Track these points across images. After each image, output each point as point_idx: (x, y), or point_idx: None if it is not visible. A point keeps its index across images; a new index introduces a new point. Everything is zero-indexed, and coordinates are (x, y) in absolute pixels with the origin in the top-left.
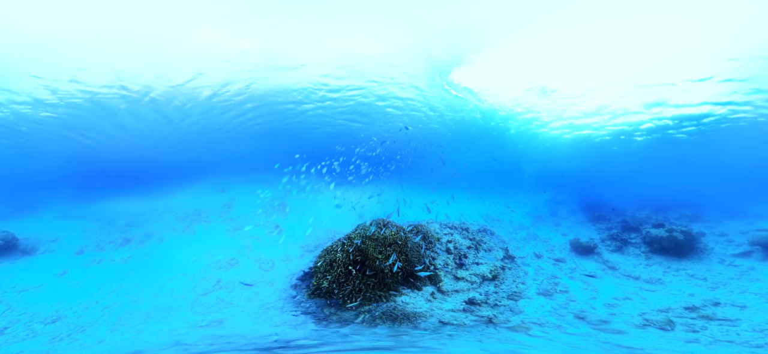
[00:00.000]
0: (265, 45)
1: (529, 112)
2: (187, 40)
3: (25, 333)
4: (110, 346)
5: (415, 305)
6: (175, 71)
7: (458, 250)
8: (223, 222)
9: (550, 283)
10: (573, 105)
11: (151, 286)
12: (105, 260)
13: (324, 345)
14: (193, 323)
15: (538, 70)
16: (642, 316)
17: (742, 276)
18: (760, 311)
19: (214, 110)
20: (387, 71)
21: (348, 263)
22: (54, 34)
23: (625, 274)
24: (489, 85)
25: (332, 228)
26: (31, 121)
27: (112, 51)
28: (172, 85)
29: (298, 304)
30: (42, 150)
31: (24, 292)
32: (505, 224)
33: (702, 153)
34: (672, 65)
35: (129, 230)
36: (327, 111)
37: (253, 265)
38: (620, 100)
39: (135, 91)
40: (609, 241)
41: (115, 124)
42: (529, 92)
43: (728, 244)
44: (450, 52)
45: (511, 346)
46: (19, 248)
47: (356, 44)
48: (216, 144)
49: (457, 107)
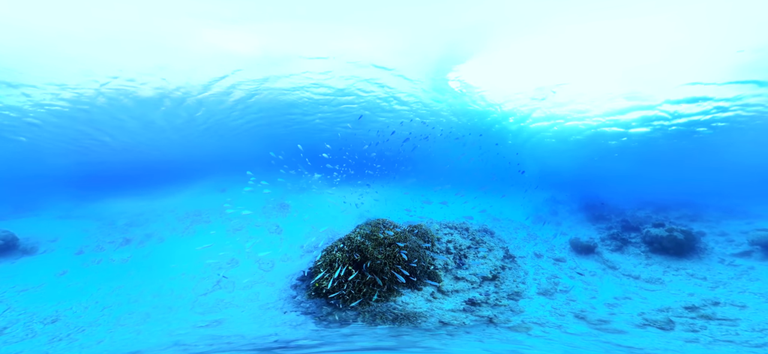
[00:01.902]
0: (266, 46)
1: (528, 111)
2: (188, 40)
3: (24, 333)
4: (110, 347)
5: (415, 305)
6: (175, 71)
7: (458, 250)
8: (223, 222)
9: (550, 283)
10: (573, 105)
11: (151, 286)
12: (105, 260)
13: (325, 345)
14: (193, 323)
15: (538, 70)
16: (642, 315)
17: (741, 276)
18: (760, 311)
19: (215, 110)
20: (387, 71)
21: (348, 263)
22: (54, 34)
23: (625, 274)
24: (489, 84)
25: (332, 228)
26: (32, 121)
27: (113, 51)
28: (173, 85)
29: (298, 304)
30: (42, 150)
31: (24, 291)
32: (505, 224)
33: (702, 153)
34: (672, 65)
35: (129, 230)
36: (327, 111)
37: (253, 265)
38: (620, 99)
39: (135, 91)
40: (609, 241)
41: (116, 124)
42: (530, 92)
43: (728, 243)
44: (450, 52)
45: (512, 346)
46: (19, 248)
47: (357, 44)
48: (216, 144)
49: (457, 106)
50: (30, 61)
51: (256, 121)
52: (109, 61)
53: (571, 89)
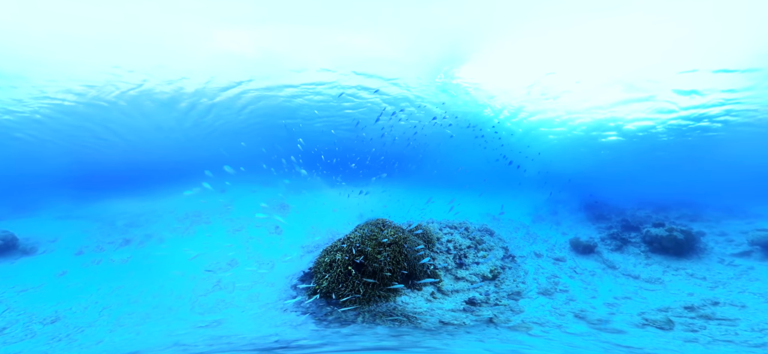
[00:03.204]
0: (267, 46)
1: (527, 110)
2: (188, 40)
3: (24, 333)
4: (109, 347)
5: (415, 305)
6: (176, 71)
7: (458, 249)
8: (223, 222)
9: (550, 283)
10: (573, 105)
11: (151, 287)
12: (105, 260)
13: (326, 345)
14: (193, 323)
15: (538, 70)
16: (641, 315)
17: (741, 276)
18: (760, 311)
19: (216, 111)
20: (388, 71)
21: (348, 263)
22: (54, 34)
23: (625, 274)
24: (489, 84)
25: (332, 228)
26: (31, 122)
27: (114, 51)
28: (174, 85)
29: (298, 304)
30: (42, 150)
31: (23, 292)
32: (505, 224)
33: (702, 153)
34: (672, 64)
35: (129, 230)
36: (327, 111)
37: (253, 265)
38: (620, 99)
39: (136, 90)
40: (609, 241)
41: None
42: (530, 91)
43: (728, 243)
44: (450, 52)
45: (512, 346)
46: (19, 248)
47: (357, 45)
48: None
49: (457, 106)
50: (30, 61)
51: (256, 121)
52: (109, 62)
53: (570, 88)
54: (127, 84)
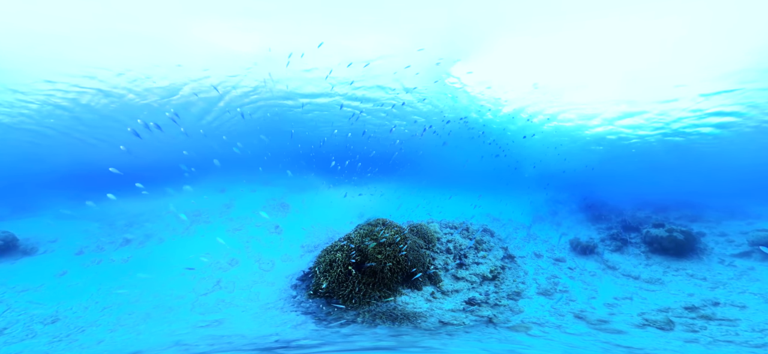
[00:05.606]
0: (267, 46)
1: (527, 110)
2: (189, 39)
3: (24, 333)
4: (110, 347)
5: (415, 305)
6: (176, 71)
7: (458, 249)
8: (223, 222)
9: (549, 283)
10: (573, 104)
11: (151, 287)
12: (105, 260)
13: (325, 345)
14: (194, 323)
15: (538, 70)
16: (642, 315)
17: (741, 276)
18: (760, 311)
19: (216, 110)
20: (388, 71)
21: (348, 263)
22: (55, 34)
23: (625, 274)
24: (489, 84)
25: (332, 228)
26: (32, 121)
27: (114, 51)
28: (174, 86)
29: (298, 304)
30: (42, 150)
31: (24, 292)
32: (505, 224)
33: (702, 153)
34: (673, 65)
35: (129, 230)
36: (327, 111)
37: (254, 264)
38: (621, 99)
39: (136, 90)
40: (609, 241)
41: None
42: (530, 91)
43: (728, 244)
44: (450, 51)
45: (511, 346)
46: (19, 248)
47: (356, 45)
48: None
49: (457, 106)
50: (30, 62)
51: (256, 122)
52: (109, 61)
53: (571, 89)
54: (127, 84)
